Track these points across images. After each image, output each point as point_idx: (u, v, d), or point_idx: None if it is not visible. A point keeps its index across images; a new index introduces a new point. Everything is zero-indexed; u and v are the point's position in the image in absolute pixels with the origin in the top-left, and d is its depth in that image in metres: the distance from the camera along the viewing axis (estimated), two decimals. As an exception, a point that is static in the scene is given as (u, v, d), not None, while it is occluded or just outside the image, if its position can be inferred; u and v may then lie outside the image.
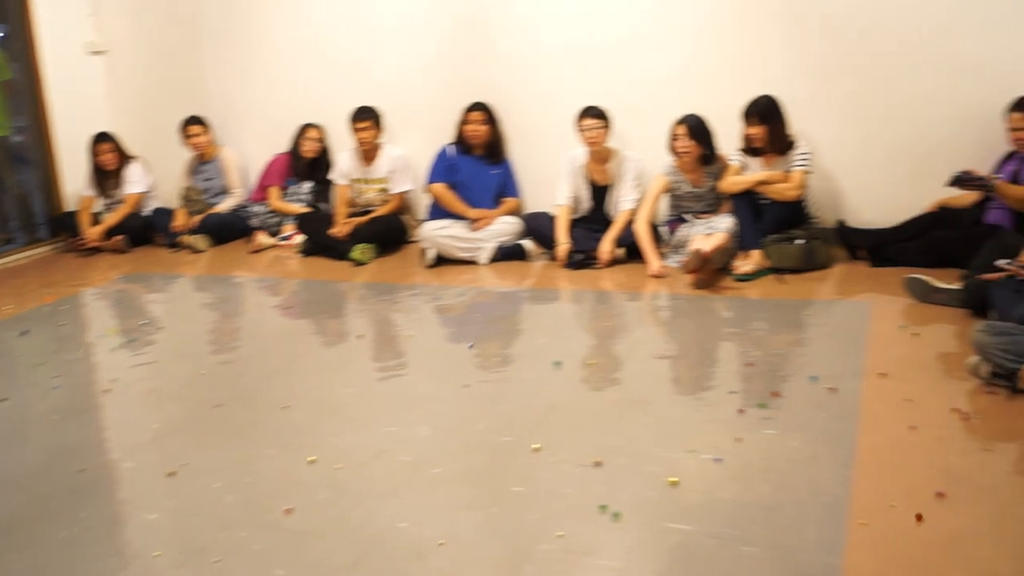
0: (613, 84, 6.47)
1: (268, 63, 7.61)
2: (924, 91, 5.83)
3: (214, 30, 7.74)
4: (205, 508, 3.03)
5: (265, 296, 6.03)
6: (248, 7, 7.58)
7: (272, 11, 7.50)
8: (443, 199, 6.62)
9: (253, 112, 7.77)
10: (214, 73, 7.84)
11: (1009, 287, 4.27)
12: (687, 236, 5.91)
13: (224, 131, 7.83)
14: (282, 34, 7.50)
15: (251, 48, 7.65)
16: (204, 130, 7.62)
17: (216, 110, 7.81)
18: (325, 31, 7.33)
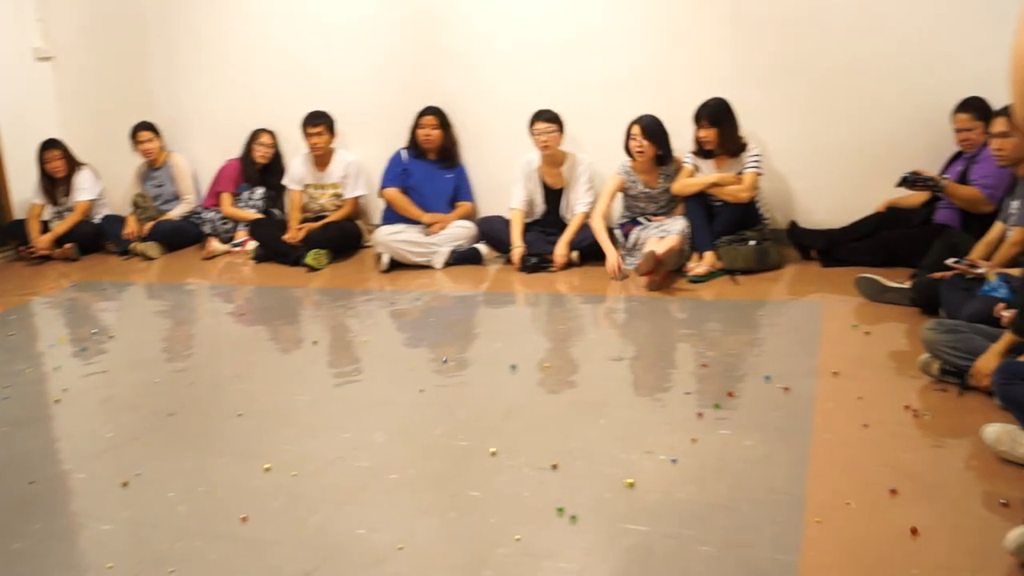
0: (566, 87, 6.49)
1: (218, 68, 7.55)
2: (873, 93, 5.90)
3: (163, 36, 7.67)
4: (159, 518, 3.00)
5: (218, 303, 5.98)
6: (198, 13, 7.51)
7: (222, 17, 7.44)
8: (397, 204, 6.61)
9: (204, 118, 7.70)
10: (164, 79, 7.76)
11: (958, 285, 4.34)
12: (640, 239, 5.94)
13: (174, 137, 7.75)
14: (232, 39, 7.45)
15: (201, 53, 7.58)
16: (154, 136, 7.54)
17: (166, 116, 7.73)
18: (276, 36, 7.28)
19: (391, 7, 6.91)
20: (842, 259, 5.72)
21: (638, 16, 6.32)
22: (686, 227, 5.84)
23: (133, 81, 7.84)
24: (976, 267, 4.33)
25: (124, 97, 7.84)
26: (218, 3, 7.44)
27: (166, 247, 7.26)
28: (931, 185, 5.33)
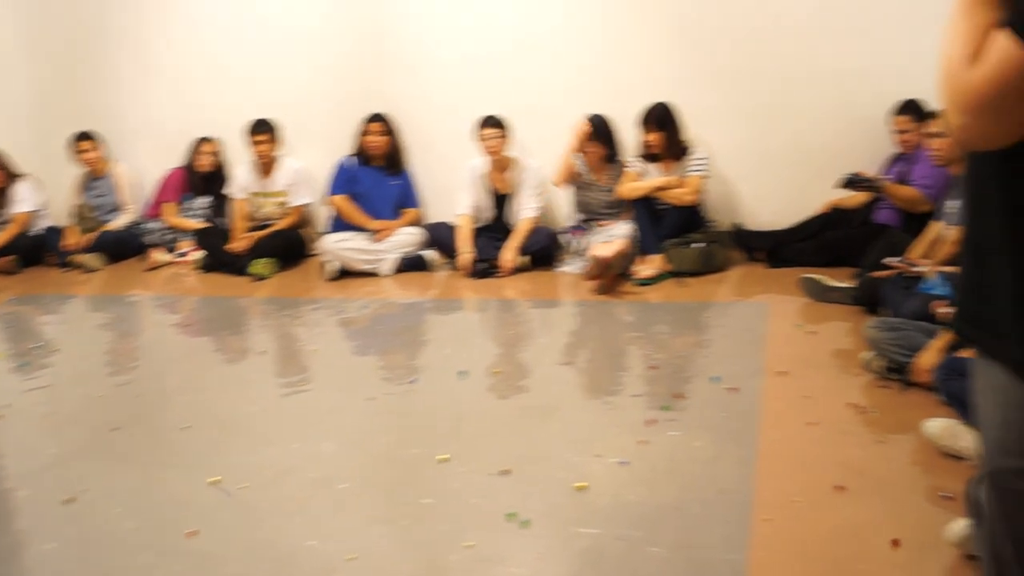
0: (512, 93, 6.50)
1: (161, 76, 7.46)
2: (814, 96, 5.98)
3: (104, 44, 7.57)
4: (105, 535, 2.96)
5: (163, 314, 5.91)
6: (140, 21, 7.43)
7: (164, 24, 7.36)
8: (344, 211, 6.58)
9: (147, 126, 7.60)
10: (105, 87, 7.66)
11: (899, 284, 4.41)
12: (587, 244, 5.97)
13: (117, 146, 7.65)
14: (176, 47, 7.37)
15: (144, 62, 7.49)
16: (95, 145, 7.43)
17: (108, 125, 7.62)
18: (220, 44, 7.22)
19: (336, 15, 6.89)
20: (787, 260, 5.78)
21: (584, 22, 6.35)
22: (631, 232, 5.88)
23: (73, 90, 7.73)
24: (916, 266, 4.41)
25: (64, 106, 7.73)
26: (161, 11, 7.35)
27: (109, 258, 7.15)
28: (872, 186, 5.42)
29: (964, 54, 1.16)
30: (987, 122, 1.14)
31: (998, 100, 1.11)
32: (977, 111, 1.14)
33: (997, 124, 1.13)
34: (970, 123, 1.15)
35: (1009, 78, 1.10)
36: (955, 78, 1.16)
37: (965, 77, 1.14)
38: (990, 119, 1.13)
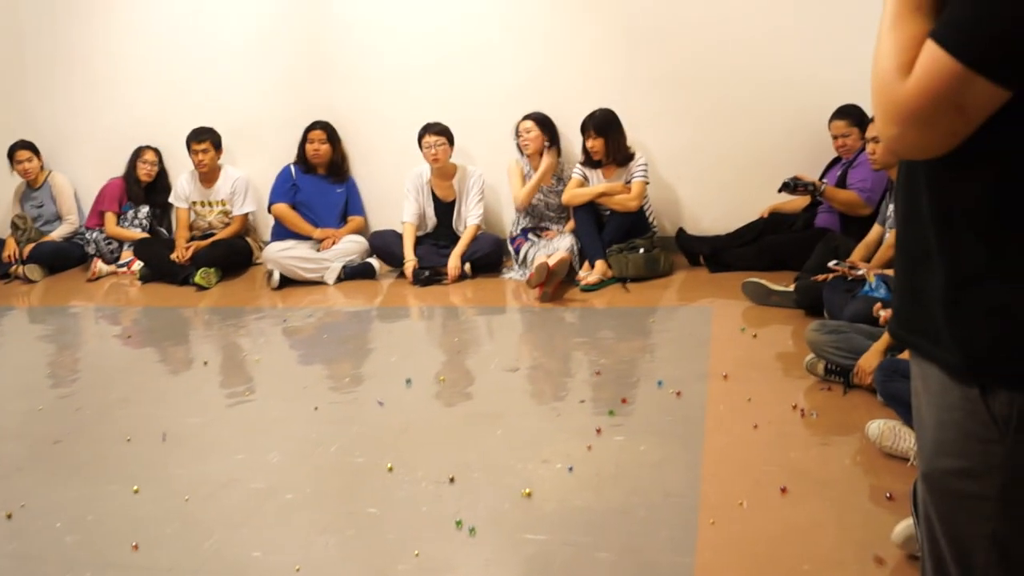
0: (454, 100, 6.51)
1: (100, 85, 7.37)
2: (753, 102, 6.05)
3: (42, 52, 7.46)
4: (47, 550, 2.91)
5: (104, 326, 5.83)
6: (79, 29, 7.33)
7: (104, 33, 7.27)
8: (286, 219, 6.53)
9: (86, 135, 7.50)
10: (42, 95, 7.54)
11: (839, 287, 4.47)
12: (530, 256, 5.97)
13: (55, 155, 7.53)
14: (115, 56, 7.27)
15: (83, 70, 7.39)
16: (33, 156, 7.31)
17: (45, 134, 7.50)
18: (160, 52, 7.15)
19: (278, 24, 6.84)
20: (729, 264, 5.84)
21: (526, 29, 6.37)
22: (573, 243, 5.90)
23: (10, 99, 7.59)
24: (856, 269, 4.47)
25: (2, 116, 7.58)
26: (100, 19, 7.26)
27: (48, 269, 7.05)
28: (811, 190, 5.48)
29: (895, 65, 1.17)
30: (918, 133, 1.16)
31: (928, 111, 1.13)
32: (908, 122, 1.15)
33: (927, 135, 1.15)
34: (901, 133, 1.17)
35: (938, 89, 1.12)
36: (886, 89, 1.18)
37: (896, 88, 1.16)
38: (920, 130, 1.15)
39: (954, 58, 1.10)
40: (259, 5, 6.86)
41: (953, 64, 1.10)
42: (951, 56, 1.10)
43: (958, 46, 1.10)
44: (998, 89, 1.10)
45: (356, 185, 6.83)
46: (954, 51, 1.10)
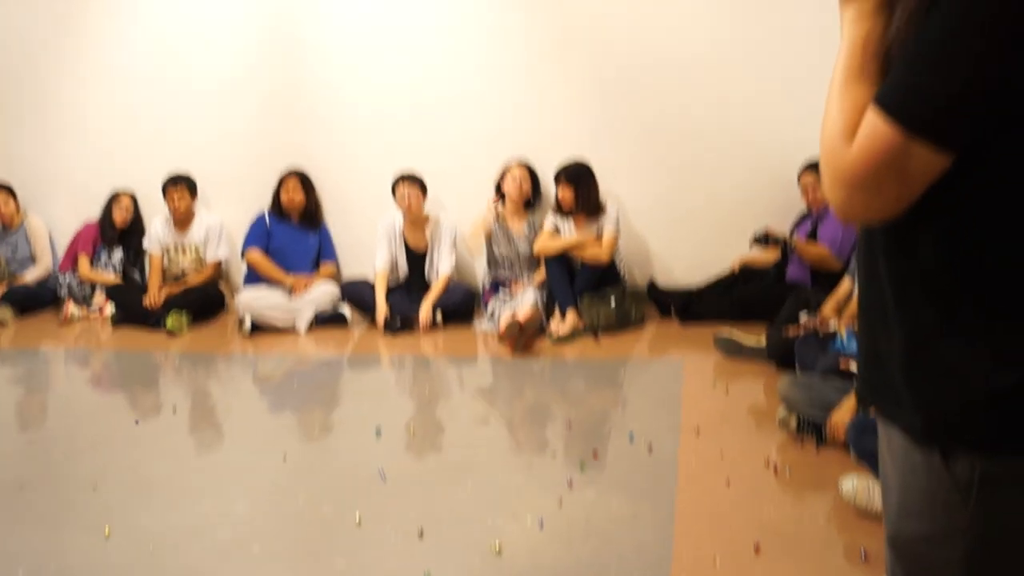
0: (428, 150, 6.53)
1: (76, 129, 7.33)
2: (724, 156, 6.10)
3: (21, 95, 7.42)
4: (5, 603, 2.84)
5: (74, 369, 5.75)
6: (55, 72, 7.30)
7: (80, 77, 7.25)
8: (259, 266, 6.50)
9: (61, 179, 7.46)
10: (18, 138, 7.50)
11: (811, 341, 4.48)
12: (497, 312, 5.96)
13: (31, 198, 7.48)
14: (91, 100, 7.25)
15: (59, 114, 7.36)
16: (8, 198, 7.25)
17: (23, 176, 7.46)
18: (137, 98, 7.13)
19: (253, 71, 6.85)
20: (700, 316, 5.85)
21: (499, 80, 6.41)
22: (537, 297, 5.90)
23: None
24: (827, 323, 4.48)
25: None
26: (77, 64, 7.24)
27: (20, 311, 6.96)
28: (782, 244, 5.52)
29: (840, 130, 1.19)
30: (863, 198, 1.16)
31: (872, 176, 1.14)
32: (852, 187, 1.16)
33: (873, 200, 1.16)
34: (847, 198, 1.18)
35: (880, 154, 1.12)
36: (832, 154, 1.19)
37: (841, 153, 1.17)
38: (866, 195, 1.16)
39: (895, 123, 1.11)
40: (235, 53, 6.87)
41: (893, 130, 1.11)
42: (892, 121, 1.11)
43: (898, 111, 1.11)
44: (940, 153, 1.11)
45: (329, 232, 6.82)
46: (895, 116, 1.11)
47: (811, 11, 5.62)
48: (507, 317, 5.58)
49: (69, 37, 7.24)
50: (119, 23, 7.11)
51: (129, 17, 7.08)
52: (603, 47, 6.20)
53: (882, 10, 1.25)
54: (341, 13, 6.64)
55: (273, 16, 6.77)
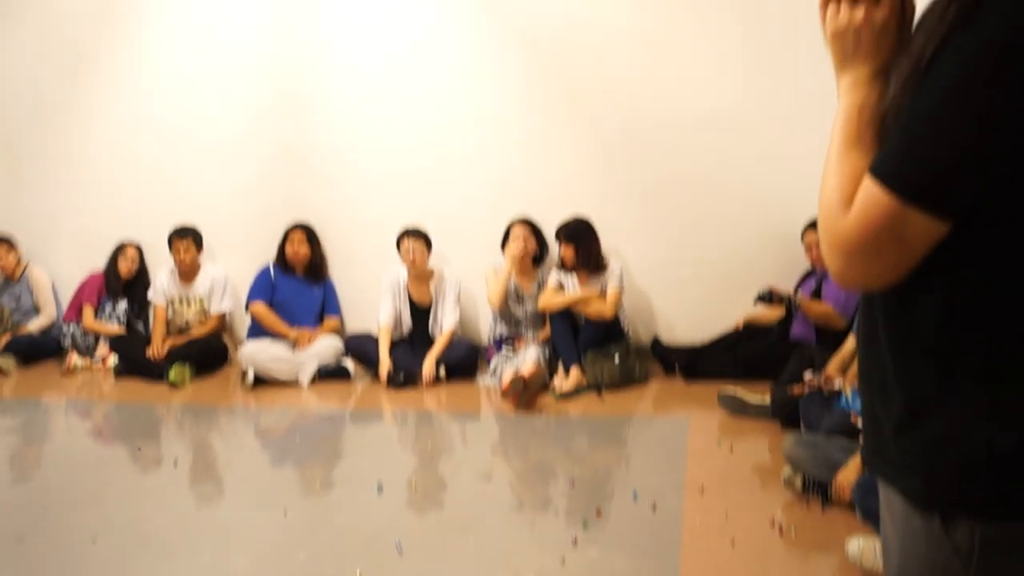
0: (433, 205, 6.55)
1: (83, 178, 7.36)
2: (728, 214, 6.12)
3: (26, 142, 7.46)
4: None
5: (75, 420, 5.73)
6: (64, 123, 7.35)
7: (88, 126, 7.30)
8: (263, 319, 6.50)
9: (67, 228, 7.48)
10: (26, 187, 7.52)
11: (815, 400, 4.46)
12: (500, 369, 5.94)
13: (35, 248, 7.50)
14: (99, 149, 7.29)
15: (66, 162, 7.39)
16: (10, 250, 7.28)
17: (27, 225, 7.49)
18: (144, 150, 7.17)
19: (263, 125, 6.89)
20: (704, 373, 5.83)
21: (504, 138, 6.45)
22: (540, 355, 5.89)
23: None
24: (832, 381, 4.47)
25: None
26: (86, 113, 7.29)
27: (23, 361, 6.96)
28: (786, 301, 5.52)
29: (837, 198, 1.20)
30: (861, 265, 1.17)
31: (869, 245, 1.15)
32: (851, 255, 1.17)
33: (871, 267, 1.17)
34: (846, 266, 1.19)
35: (878, 223, 1.13)
36: (830, 222, 1.20)
37: (839, 222, 1.18)
38: (864, 263, 1.17)
39: (891, 192, 1.12)
40: (243, 107, 6.92)
41: (890, 198, 1.12)
42: (888, 190, 1.12)
43: (894, 180, 1.12)
44: (937, 221, 1.12)
45: (334, 286, 6.83)
46: (891, 185, 1.12)
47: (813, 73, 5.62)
48: (510, 373, 5.56)
49: (79, 87, 7.30)
50: (129, 74, 7.17)
51: (139, 69, 7.14)
52: (608, 107, 6.25)
53: (878, 78, 1.27)
54: (349, 71, 6.70)
55: (282, 72, 6.84)
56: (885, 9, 1.28)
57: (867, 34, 1.28)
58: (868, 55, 1.28)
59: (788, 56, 5.77)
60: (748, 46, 5.96)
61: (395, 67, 6.62)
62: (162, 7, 7.04)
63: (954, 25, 1.11)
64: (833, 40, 1.32)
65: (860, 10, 1.28)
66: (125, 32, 7.16)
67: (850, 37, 1.29)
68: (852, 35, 1.29)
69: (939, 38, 1.12)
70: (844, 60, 1.31)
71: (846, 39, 1.30)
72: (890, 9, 1.28)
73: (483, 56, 6.47)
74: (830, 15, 1.32)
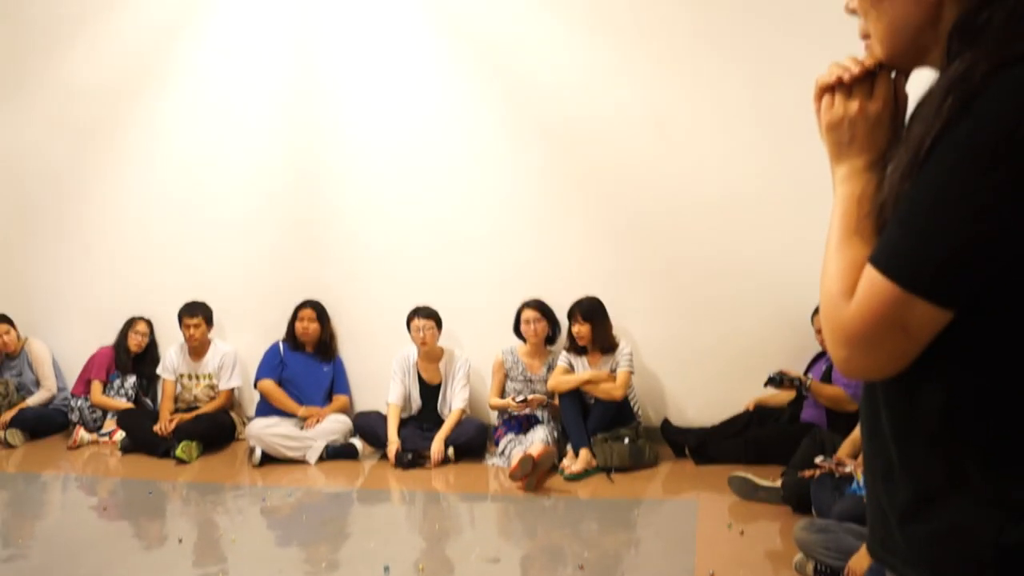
0: (443, 285, 6.57)
1: (94, 252, 7.39)
2: (738, 296, 6.13)
3: (39, 216, 7.52)
4: None
5: (80, 495, 5.71)
6: (75, 195, 7.40)
7: (100, 200, 7.37)
8: (272, 396, 6.50)
9: (77, 302, 7.49)
10: (37, 259, 7.54)
11: (827, 484, 4.43)
12: (508, 450, 5.92)
13: (44, 320, 7.52)
14: (111, 223, 7.34)
15: (79, 236, 7.41)
16: (9, 327, 7.29)
17: (37, 298, 7.52)
18: (155, 226, 7.22)
19: (274, 202, 6.95)
20: (714, 456, 5.79)
21: (514, 219, 6.50)
22: (549, 433, 5.88)
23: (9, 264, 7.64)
24: (843, 465, 4.44)
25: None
26: (98, 188, 7.36)
27: (30, 435, 6.95)
28: (796, 384, 5.50)
29: (839, 288, 1.20)
30: (865, 355, 1.17)
31: (872, 334, 1.15)
32: (854, 345, 1.17)
33: (874, 357, 1.17)
34: (849, 356, 1.19)
35: (880, 313, 1.13)
36: (832, 312, 1.20)
37: (841, 312, 1.18)
38: (867, 352, 1.17)
39: (893, 282, 1.12)
40: (256, 184, 6.99)
41: (892, 288, 1.12)
42: (890, 280, 1.13)
43: (896, 270, 1.13)
44: (940, 310, 1.12)
45: (343, 364, 6.84)
46: (892, 275, 1.13)
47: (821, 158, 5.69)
48: (519, 453, 5.54)
49: (92, 162, 7.38)
50: (143, 150, 7.26)
51: (153, 144, 7.23)
52: (619, 188, 6.31)
53: (874, 167, 1.29)
54: (363, 150, 6.78)
55: (295, 149, 6.92)
56: (879, 102, 1.30)
57: (862, 126, 1.31)
58: (863, 146, 1.30)
59: (797, 140, 5.77)
60: (758, 130, 6.03)
61: (408, 147, 6.70)
62: (176, 84, 7.15)
63: (952, 116, 1.12)
64: (828, 131, 1.34)
65: (855, 102, 1.31)
66: (139, 108, 7.26)
67: (845, 128, 1.32)
68: (847, 126, 1.31)
69: (937, 129, 1.13)
70: (839, 151, 1.33)
71: (841, 130, 1.32)
72: (884, 102, 1.30)
73: (496, 138, 6.55)
74: (825, 106, 1.35)
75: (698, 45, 6.15)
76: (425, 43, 6.68)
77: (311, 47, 6.91)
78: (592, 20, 6.33)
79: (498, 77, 6.53)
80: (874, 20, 1.30)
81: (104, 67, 7.32)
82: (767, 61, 5.96)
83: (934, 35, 1.24)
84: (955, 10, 1.21)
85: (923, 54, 1.28)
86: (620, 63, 6.30)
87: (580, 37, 6.36)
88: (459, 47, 6.62)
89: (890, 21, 1.28)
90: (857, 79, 1.31)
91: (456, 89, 6.62)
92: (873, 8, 1.29)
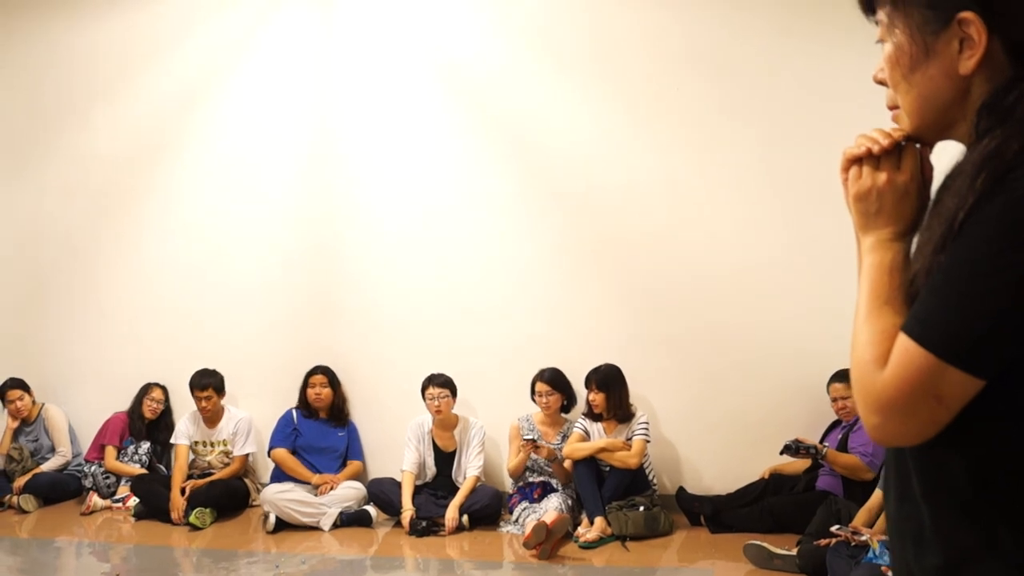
0: (458, 352, 6.59)
1: (110, 318, 7.45)
2: (754, 364, 6.13)
3: (56, 282, 7.59)
4: None
5: (92, 561, 5.71)
6: (92, 261, 7.49)
7: (117, 267, 7.44)
8: (286, 465, 6.50)
9: (92, 367, 7.52)
10: (52, 327, 7.62)
11: (843, 553, 4.40)
12: (522, 517, 5.90)
13: (59, 386, 7.55)
14: (127, 290, 7.41)
15: (95, 302, 7.47)
16: (24, 393, 7.30)
17: (52, 365, 7.56)
18: (168, 291, 7.27)
19: (286, 271, 7.02)
20: (730, 525, 5.76)
21: (531, 287, 6.54)
22: (562, 501, 5.86)
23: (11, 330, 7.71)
24: (859, 534, 4.42)
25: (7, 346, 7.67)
26: (115, 254, 7.45)
27: (43, 500, 6.95)
28: (812, 453, 5.48)
29: (871, 356, 1.21)
30: (898, 422, 1.18)
31: (906, 402, 1.16)
32: (887, 412, 1.18)
33: (908, 424, 1.17)
34: (882, 423, 1.19)
35: (914, 381, 1.14)
36: (864, 380, 1.21)
37: (874, 379, 1.19)
38: (900, 419, 1.17)
39: (928, 351, 1.13)
40: (269, 250, 7.06)
41: (926, 356, 1.13)
42: (924, 349, 1.14)
43: (931, 339, 1.13)
44: (973, 379, 1.13)
45: (357, 430, 6.84)
46: (926, 344, 1.13)
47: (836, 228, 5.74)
48: (533, 521, 5.51)
49: (108, 229, 7.47)
50: (158, 217, 7.36)
51: (168, 212, 7.34)
52: (635, 257, 6.35)
53: (901, 238, 1.30)
54: (377, 218, 6.86)
55: (309, 218, 7.00)
56: (907, 174, 1.32)
57: (890, 197, 1.32)
58: (891, 217, 1.31)
59: (811, 208, 5.87)
60: (773, 199, 6.09)
61: (423, 216, 6.77)
62: (192, 153, 7.28)
63: (986, 190, 1.13)
64: (856, 202, 1.35)
65: (883, 174, 1.32)
66: (155, 176, 7.38)
67: (873, 199, 1.33)
68: (875, 197, 1.32)
69: (971, 203, 1.14)
70: (867, 221, 1.34)
71: (869, 201, 1.33)
72: (911, 174, 1.32)
73: (511, 206, 6.62)
74: (852, 177, 1.35)
75: (712, 114, 6.24)
76: (441, 113, 6.78)
77: (328, 116, 7.03)
78: (606, 89, 6.43)
79: (513, 146, 6.62)
80: (904, 92, 1.32)
81: (120, 136, 7.47)
82: (781, 128, 6.04)
83: (962, 110, 1.26)
84: (984, 86, 1.23)
85: (950, 127, 1.30)
86: (635, 132, 6.38)
87: (595, 105, 6.45)
88: (475, 117, 6.72)
89: (920, 94, 1.30)
90: (885, 151, 1.33)
91: (472, 158, 6.71)
92: (904, 81, 1.31)
